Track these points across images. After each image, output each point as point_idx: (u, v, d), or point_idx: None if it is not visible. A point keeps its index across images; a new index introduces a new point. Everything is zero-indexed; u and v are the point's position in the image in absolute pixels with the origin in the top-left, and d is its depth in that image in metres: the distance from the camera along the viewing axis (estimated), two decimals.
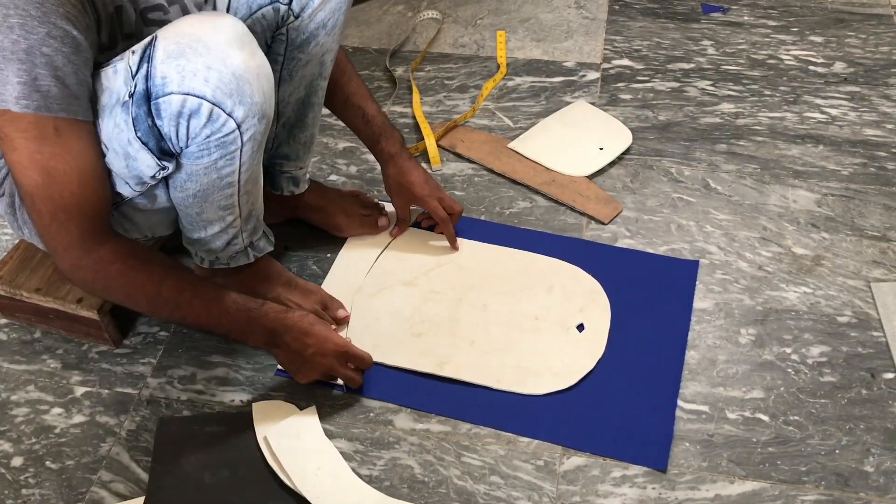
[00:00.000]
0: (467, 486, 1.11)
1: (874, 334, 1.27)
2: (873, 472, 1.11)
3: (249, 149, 1.01)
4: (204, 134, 0.96)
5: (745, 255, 1.40)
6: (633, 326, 1.28)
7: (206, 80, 0.91)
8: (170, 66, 0.91)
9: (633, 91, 1.75)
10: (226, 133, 0.96)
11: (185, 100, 0.92)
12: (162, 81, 0.91)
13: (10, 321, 1.33)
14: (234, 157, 1.01)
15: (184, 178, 1.03)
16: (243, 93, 0.94)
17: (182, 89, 0.91)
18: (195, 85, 0.91)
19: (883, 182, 1.52)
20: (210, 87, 0.92)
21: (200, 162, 1.00)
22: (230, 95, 0.93)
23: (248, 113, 0.96)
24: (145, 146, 0.96)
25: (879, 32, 1.89)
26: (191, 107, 0.92)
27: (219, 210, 1.10)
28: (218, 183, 1.04)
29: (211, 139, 0.97)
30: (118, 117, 0.95)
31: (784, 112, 1.69)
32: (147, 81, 0.92)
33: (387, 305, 1.32)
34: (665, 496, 1.09)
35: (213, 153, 0.99)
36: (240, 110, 0.95)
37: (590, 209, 1.48)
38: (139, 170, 0.99)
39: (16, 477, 1.14)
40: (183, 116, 0.93)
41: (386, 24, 1.98)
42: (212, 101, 0.92)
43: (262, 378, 1.24)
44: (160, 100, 0.92)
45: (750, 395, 1.20)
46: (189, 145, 0.97)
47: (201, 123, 0.94)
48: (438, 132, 1.62)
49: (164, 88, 0.91)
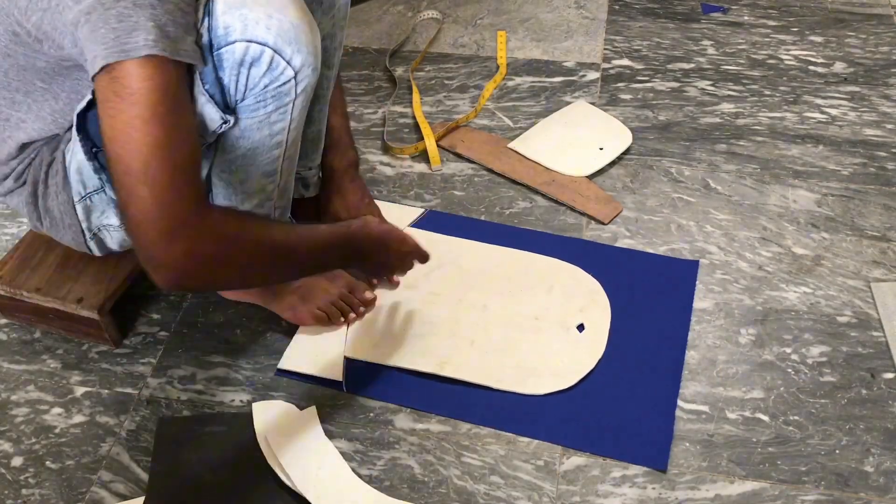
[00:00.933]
0: (467, 486, 1.11)
1: (874, 334, 1.27)
2: (873, 472, 1.11)
3: (301, 102, 1.03)
4: (263, 83, 0.97)
5: (745, 255, 1.40)
6: (633, 326, 1.28)
7: (268, 28, 0.94)
8: (232, 16, 0.93)
9: (633, 91, 1.75)
10: (283, 82, 0.98)
11: (248, 47, 0.94)
12: (224, 31, 0.93)
13: (10, 321, 1.33)
14: (287, 110, 1.02)
15: (236, 135, 1.03)
16: (301, 41, 0.96)
17: (245, 36, 0.93)
18: (258, 32, 0.93)
19: (883, 182, 1.52)
20: (272, 34, 0.94)
21: (255, 115, 1.01)
22: (289, 43, 0.95)
23: (304, 62, 0.98)
24: (212, 99, 0.97)
25: (879, 32, 1.89)
26: (253, 54, 0.94)
27: (262, 177, 1.10)
28: (268, 140, 1.05)
29: (268, 89, 0.98)
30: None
31: (784, 112, 1.69)
32: (210, 33, 0.93)
33: (387, 307, 1.32)
34: (665, 496, 1.09)
35: (268, 105, 1.00)
36: (297, 58, 0.97)
37: (590, 209, 1.48)
38: (203, 126, 0.99)
39: (16, 477, 1.14)
40: (244, 65, 0.95)
41: (386, 24, 1.98)
42: (273, 48, 0.94)
43: (262, 378, 1.24)
44: (222, 49, 0.94)
45: (750, 395, 1.20)
46: (246, 97, 0.98)
47: (261, 72, 0.96)
48: (439, 132, 1.62)
49: (227, 37, 0.93)
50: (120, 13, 0.84)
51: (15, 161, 1.09)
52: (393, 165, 1.59)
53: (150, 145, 0.85)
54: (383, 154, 1.62)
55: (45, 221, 1.13)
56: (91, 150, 1.02)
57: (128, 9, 0.84)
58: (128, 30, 0.84)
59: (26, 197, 1.11)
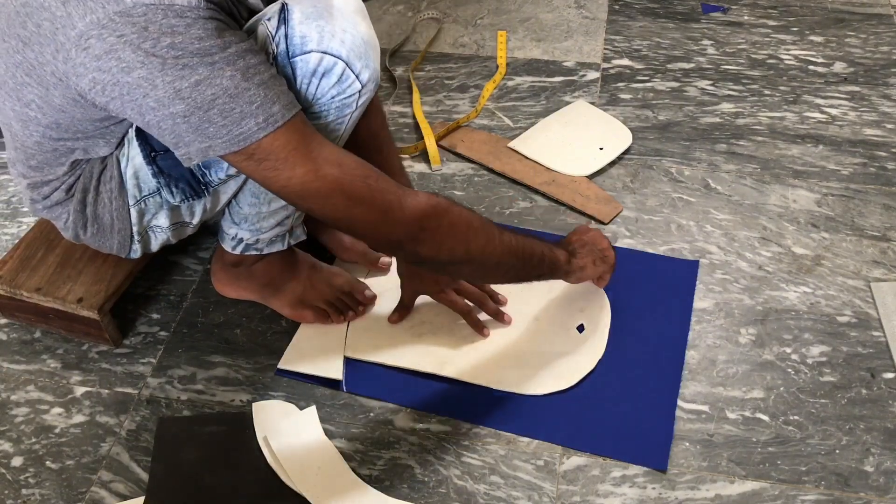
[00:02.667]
0: (467, 486, 1.11)
1: (874, 334, 1.27)
2: (873, 472, 1.11)
3: (357, 115, 1.05)
4: (331, 94, 0.99)
5: (745, 255, 1.40)
6: (633, 326, 1.28)
7: (343, 42, 0.96)
8: (309, 27, 0.95)
9: (633, 91, 1.75)
10: (349, 94, 1.00)
11: (323, 58, 0.96)
12: (301, 40, 0.96)
13: (10, 321, 1.33)
14: (344, 121, 1.04)
15: None
16: (369, 57, 1.00)
17: (321, 48, 0.96)
18: (333, 45, 0.96)
19: (883, 182, 1.52)
20: (346, 47, 0.97)
21: (315, 123, 1.01)
22: (360, 58, 0.98)
23: (370, 77, 1.01)
24: None
25: (879, 32, 1.89)
26: (326, 65, 0.97)
27: None
28: None
29: (335, 100, 1.00)
30: None
31: (784, 112, 1.69)
32: (286, 41, 0.96)
33: (387, 307, 1.31)
34: (665, 496, 1.09)
35: (330, 115, 1.02)
36: (366, 73, 1.00)
37: (590, 209, 1.48)
38: None
39: (16, 477, 1.14)
40: (317, 75, 0.97)
41: (386, 24, 1.98)
42: (346, 61, 0.97)
43: (262, 378, 1.24)
44: (297, 58, 0.96)
45: (750, 395, 1.20)
46: (312, 105, 1.00)
47: (332, 83, 0.98)
48: (439, 132, 1.62)
49: (304, 47, 0.96)
50: (222, 109, 0.87)
51: (67, 175, 1.10)
52: None
53: (335, 180, 0.92)
54: None
55: (90, 229, 1.14)
56: (150, 155, 1.05)
57: (227, 103, 0.87)
58: (236, 120, 0.88)
59: (74, 205, 1.12)
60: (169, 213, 1.12)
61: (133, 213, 1.11)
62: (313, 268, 1.29)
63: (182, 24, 0.85)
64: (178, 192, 1.08)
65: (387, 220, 0.96)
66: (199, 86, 0.86)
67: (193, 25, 0.86)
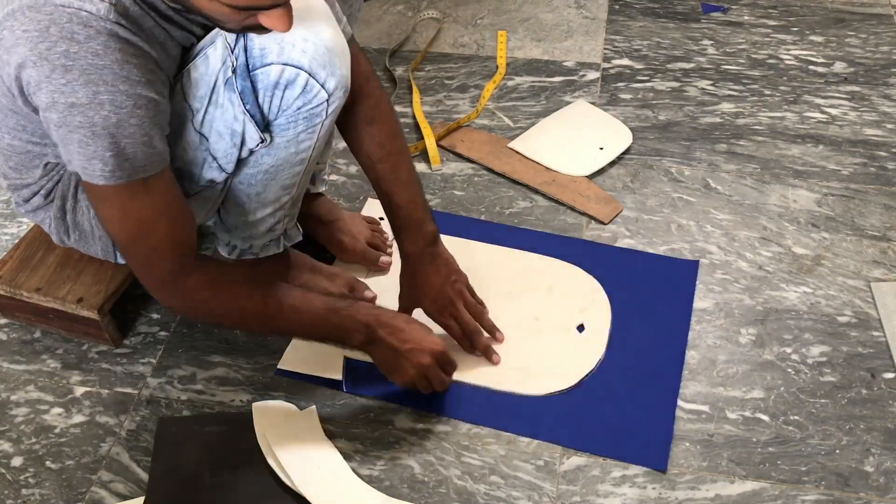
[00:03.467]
0: (467, 486, 1.11)
1: (874, 334, 1.27)
2: (873, 472, 1.11)
3: (329, 123, 1.04)
4: (296, 105, 0.98)
5: (745, 255, 1.40)
6: (633, 326, 1.28)
7: (304, 51, 0.95)
8: (268, 38, 0.94)
9: (633, 91, 1.75)
10: (316, 104, 0.99)
11: (284, 70, 0.95)
12: (261, 52, 0.94)
13: (10, 321, 1.33)
14: (316, 130, 1.03)
15: (262, 153, 1.04)
16: (334, 65, 0.97)
17: (281, 59, 0.94)
18: (294, 55, 0.94)
19: (883, 182, 1.52)
20: (307, 57, 0.95)
21: (285, 135, 1.02)
22: (324, 67, 0.96)
23: (337, 84, 0.99)
24: (252, 119, 0.98)
25: (879, 32, 1.89)
26: (288, 77, 0.95)
27: (280, 189, 1.11)
28: (293, 158, 1.06)
29: (301, 110, 0.99)
30: (222, 97, 0.97)
31: (784, 112, 1.68)
32: (246, 53, 0.95)
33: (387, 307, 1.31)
34: (665, 496, 1.09)
35: (299, 125, 1.01)
36: (332, 81, 0.98)
37: (590, 209, 1.47)
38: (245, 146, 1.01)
39: (16, 477, 1.14)
40: (279, 87, 0.96)
41: (386, 24, 1.98)
42: (308, 72, 0.96)
43: (262, 378, 1.24)
44: (258, 70, 0.95)
45: (750, 395, 1.20)
46: (278, 117, 0.99)
47: (296, 94, 0.97)
48: (439, 132, 1.62)
49: (263, 59, 0.94)
50: (81, 139, 0.88)
51: (44, 179, 1.10)
52: None
53: (126, 237, 0.98)
54: None
55: (72, 235, 1.15)
56: None
57: (87, 137, 0.88)
58: (88, 156, 0.89)
59: (55, 212, 1.13)
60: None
61: None
62: (313, 269, 1.29)
63: (83, 34, 0.84)
64: None
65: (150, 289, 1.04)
66: (72, 108, 0.86)
67: (94, 39, 0.84)
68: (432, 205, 1.49)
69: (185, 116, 0.99)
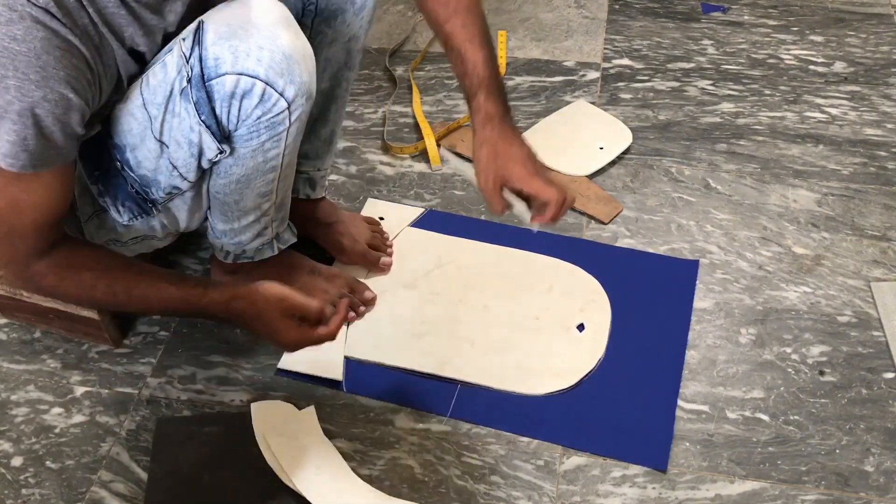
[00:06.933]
0: (467, 486, 1.11)
1: (874, 334, 1.27)
2: (873, 472, 1.11)
3: (295, 130, 1.02)
4: (255, 115, 0.96)
5: (745, 255, 1.40)
6: (633, 326, 1.28)
7: (259, 60, 0.92)
8: (222, 47, 0.92)
9: (633, 91, 1.75)
10: (276, 113, 0.97)
11: (239, 80, 0.93)
12: (215, 63, 0.92)
13: (10, 321, 1.33)
14: (281, 138, 1.01)
15: (230, 163, 1.03)
16: (293, 72, 0.95)
17: (236, 69, 0.92)
18: (248, 65, 0.92)
19: (883, 182, 1.52)
20: (263, 66, 0.93)
21: (249, 145, 1.00)
22: (281, 75, 0.94)
23: (297, 92, 0.97)
24: (209, 129, 0.97)
25: (879, 32, 1.89)
26: (244, 87, 0.93)
27: (257, 197, 1.10)
28: (262, 167, 1.04)
29: (262, 120, 0.97)
30: (178, 107, 0.95)
31: (784, 111, 1.68)
32: (201, 63, 0.92)
33: (387, 307, 1.31)
34: (665, 496, 1.09)
35: (262, 135, 0.99)
36: (290, 89, 0.96)
37: (590, 209, 1.47)
38: (203, 156, 1.00)
39: (16, 477, 1.14)
40: (236, 97, 0.94)
41: (386, 24, 1.98)
42: (265, 81, 0.93)
43: (262, 378, 1.24)
44: (213, 81, 0.93)
45: (750, 395, 1.20)
46: (239, 128, 0.98)
47: (253, 104, 0.95)
48: (439, 132, 1.62)
49: (218, 69, 0.92)
50: None
51: None
52: (393, 165, 1.59)
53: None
54: (383, 154, 1.62)
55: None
56: (93, 174, 1.05)
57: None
58: None
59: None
60: (124, 229, 1.11)
61: (90, 228, 1.11)
62: (312, 271, 1.29)
63: (6, 16, 0.80)
64: (125, 211, 1.07)
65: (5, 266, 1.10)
66: None
67: (16, 23, 0.80)
68: (432, 205, 1.50)
69: (145, 124, 0.98)
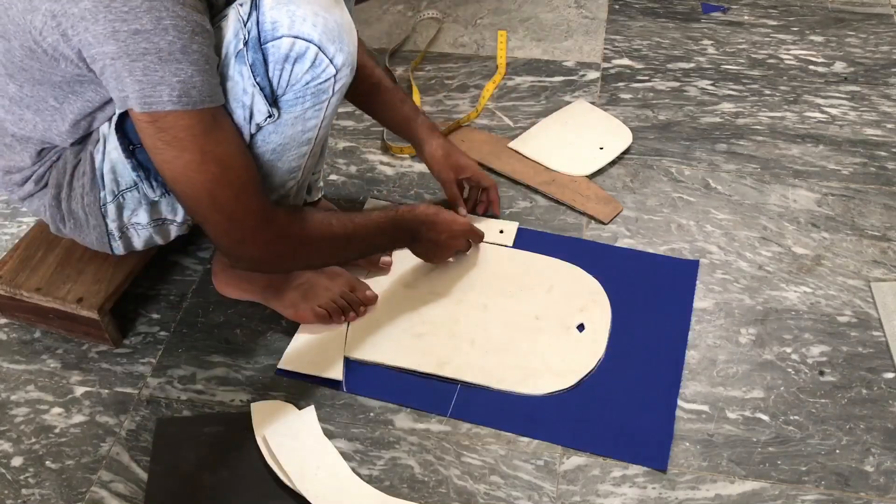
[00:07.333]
0: (467, 486, 1.11)
1: (874, 334, 1.27)
2: (873, 472, 1.11)
3: (335, 101, 1.05)
4: (304, 80, 0.99)
5: (745, 255, 1.40)
6: (633, 326, 1.28)
7: (315, 25, 0.96)
8: (280, 11, 0.95)
9: (633, 91, 1.75)
10: (324, 80, 1.00)
11: (294, 42, 0.96)
12: (272, 26, 0.95)
13: (10, 321, 1.33)
14: (322, 107, 1.04)
15: (270, 130, 1.04)
16: (343, 41, 0.99)
17: (292, 32, 0.95)
18: (304, 29, 0.95)
19: (883, 182, 1.52)
20: (318, 31, 0.96)
21: (293, 111, 1.02)
22: (333, 41, 0.98)
23: (345, 61, 1.00)
24: (262, 92, 0.99)
25: (879, 32, 1.89)
26: (298, 50, 0.96)
27: (285, 174, 1.11)
28: (300, 137, 1.06)
29: (309, 85, 1.00)
30: (233, 69, 0.97)
31: (784, 112, 1.68)
32: (258, 27, 0.95)
33: (387, 307, 1.31)
34: (665, 496, 1.09)
35: (306, 101, 1.02)
36: (340, 57, 0.99)
37: (590, 209, 1.47)
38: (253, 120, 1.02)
39: (16, 477, 1.14)
40: (289, 60, 0.97)
41: (386, 24, 1.98)
42: (318, 45, 0.97)
43: (261, 378, 1.24)
44: (269, 44, 0.96)
45: (750, 395, 1.20)
46: (287, 92, 1.00)
47: (305, 68, 0.98)
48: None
49: (275, 32, 0.95)
50: (146, 67, 0.88)
51: (36, 164, 1.10)
52: (393, 165, 1.59)
53: (212, 181, 0.97)
54: (383, 154, 1.62)
55: (67, 224, 1.14)
56: (129, 148, 1.04)
57: (154, 64, 0.88)
58: (154, 83, 0.89)
59: (49, 200, 1.12)
60: (149, 208, 1.11)
61: (111, 209, 1.11)
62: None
63: None
64: (157, 186, 1.07)
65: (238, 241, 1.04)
66: (136, 35, 0.87)
67: None
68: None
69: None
